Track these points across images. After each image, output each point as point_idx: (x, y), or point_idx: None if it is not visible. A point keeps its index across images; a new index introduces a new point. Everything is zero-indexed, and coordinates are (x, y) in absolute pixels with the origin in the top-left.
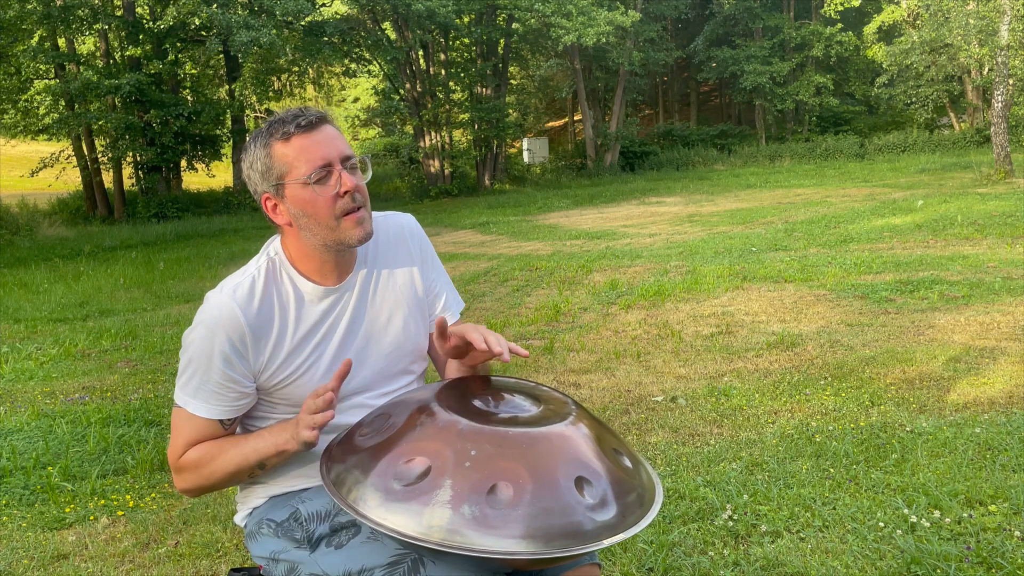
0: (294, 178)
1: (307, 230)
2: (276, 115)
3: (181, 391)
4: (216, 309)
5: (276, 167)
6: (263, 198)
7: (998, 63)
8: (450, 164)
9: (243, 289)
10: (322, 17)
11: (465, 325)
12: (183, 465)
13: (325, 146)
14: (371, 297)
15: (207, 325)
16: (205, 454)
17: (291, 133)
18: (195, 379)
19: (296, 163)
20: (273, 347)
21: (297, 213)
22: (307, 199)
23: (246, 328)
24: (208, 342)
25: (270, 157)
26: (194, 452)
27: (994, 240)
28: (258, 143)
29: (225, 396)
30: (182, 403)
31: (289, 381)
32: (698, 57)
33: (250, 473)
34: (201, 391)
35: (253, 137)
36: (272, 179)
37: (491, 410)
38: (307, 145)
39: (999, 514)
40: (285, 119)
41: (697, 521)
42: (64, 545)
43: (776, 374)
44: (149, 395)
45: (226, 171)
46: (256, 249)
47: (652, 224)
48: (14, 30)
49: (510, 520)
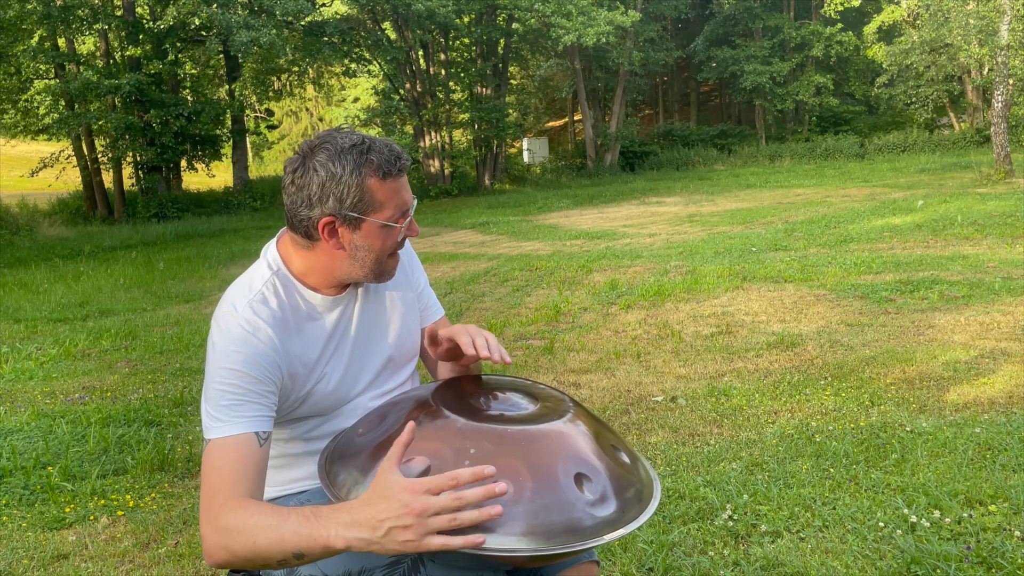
0: (379, 218)
1: (357, 261)
2: (361, 139)
3: (214, 421)
4: (238, 326)
5: (365, 200)
6: (324, 220)
7: (998, 63)
8: (450, 164)
9: (260, 306)
10: (322, 17)
11: (454, 328)
12: (226, 522)
13: (407, 193)
14: (375, 303)
15: (234, 341)
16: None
17: (392, 174)
18: (226, 397)
19: (386, 204)
20: (294, 356)
21: (362, 246)
22: (379, 238)
23: (277, 343)
24: (237, 356)
25: (362, 189)
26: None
27: (994, 240)
28: (347, 167)
29: (260, 405)
30: (215, 433)
31: (307, 396)
32: (698, 57)
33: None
34: (235, 407)
35: (332, 156)
36: (354, 209)
37: (489, 408)
38: (398, 189)
39: (999, 514)
40: (384, 156)
41: (697, 521)
42: (64, 545)
43: (776, 374)
44: (149, 395)
45: (226, 171)
46: (256, 249)
47: (652, 224)
48: (14, 30)
49: (510, 517)
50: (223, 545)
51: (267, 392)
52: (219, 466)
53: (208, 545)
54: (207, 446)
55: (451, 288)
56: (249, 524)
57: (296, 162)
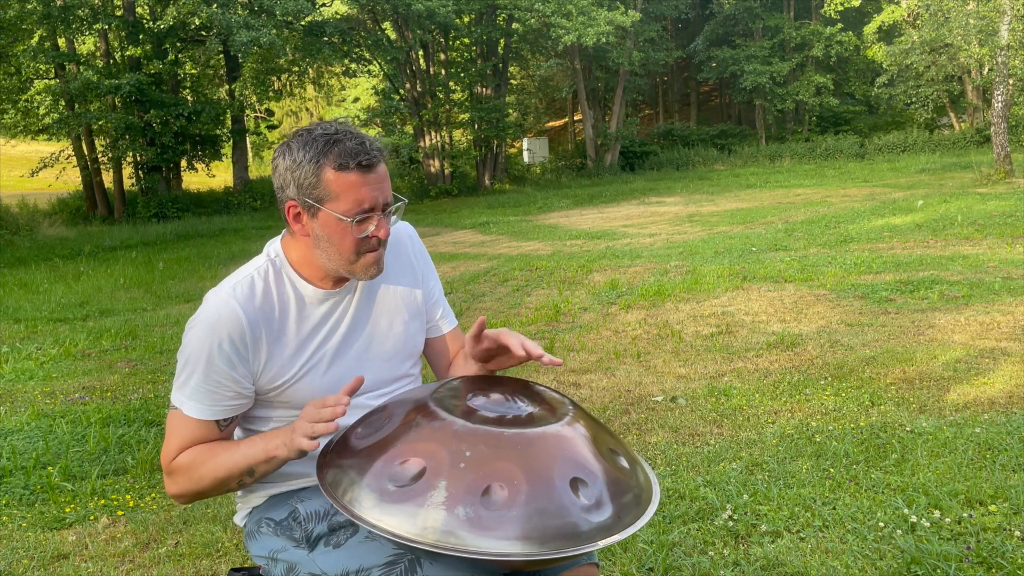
0: (334, 209)
1: (323, 251)
2: (336, 129)
3: (178, 392)
4: (216, 308)
5: (320, 189)
6: (289, 204)
7: (998, 63)
8: (450, 164)
9: (243, 288)
10: (322, 17)
11: (501, 330)
12: (175, 468)
13: (374, 190)
14: (373, 302)
15: (207, 323)
16: (196, 457)
17: (348, 166)
18: (193, 379)
19: (343, 197)
20: (274, 347)
21: (321, 236)
22: (337, 231)
23: (246, 327)
24: (208, 340)
25: (317, 177)
26: (186, 455)
27: (994, 240)
28: (308, 154)
29: (222, 395)
30: (178, 403)
31: (288, 384)
32: (698, 57)
33: (239, 481)
34: (199, 391)
35: (303, 142)
36: (311, 197)
37: (487, 410)
38: (358, 184)
39: (999, 514)
40: (347, 148)
41: (697, 521)
42: (64, 545)
43: (776, 374)
44: (149, 395)
45: (226, 171)
46: (256, 249)
47: (652, 224)
48: (14, 30)
49: (505, 521)
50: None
51: (232, 379)
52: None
53: (167, 484)
54: (173, 412)
55: (451, 288)
56: (206, 456)
57: (280, 146)
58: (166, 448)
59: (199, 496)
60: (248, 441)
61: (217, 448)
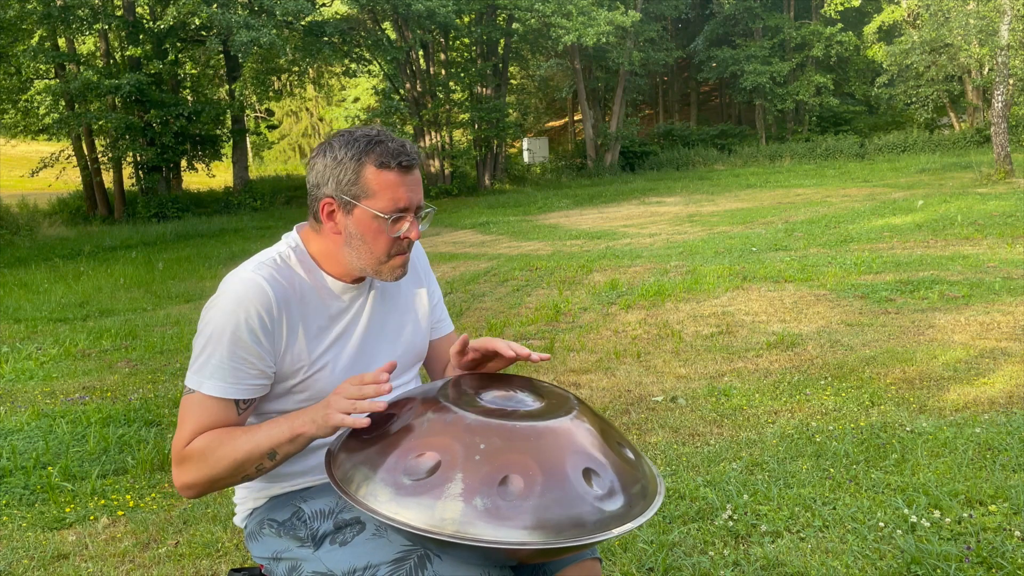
0: (371, 206)
1: (354, 250)
2: (378, 131)
3: (196, 374)
4: (242, 283)
5: (359, 186)
6: (324, 201)
7: (998, 63)
8: (450, 164)
9: (267, 268)
10: (322, 17)
11: (484, 339)
12: (188, 454)
13: (411, 191)
14: (388, 301)
15: (234, 298)
16: (213, 440)
17: (389, 165)
18: (215, 357)
19: (380, 194)
20: (296, 327)
21: (354, 234)
22: (372, 229)
23: (273, 301)
24: (235, 315)
25: (357, 174)
26: (201, 439)
27: (994, 240)
28: (351, 152)
29: (246, 372)
30: (195, 385)
31: (309, 374)
32: (698, 57)
33: (258, 465)
34: (221, 368)
35: (345, 141)
36: (348, 194)
37: (495, 405)
38: (396, 184)
39: (999, 514)
40: (389, 147)
41: (697, 521)
42: (64, 545)
43: (776, 374)
44: (149, 395)
45: (226, 171)
46: (256, 249)
47: (652, 224)
48: (14, 30)
49: (522, 511)
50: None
51: (257, 354)
52: (197, 418)
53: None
54: (189, 394)
55: (451, 288)
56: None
57: (321, 145)
58: (179, 435)
59: (211, 485)
60: (270, 422)
61: (235, 431)
